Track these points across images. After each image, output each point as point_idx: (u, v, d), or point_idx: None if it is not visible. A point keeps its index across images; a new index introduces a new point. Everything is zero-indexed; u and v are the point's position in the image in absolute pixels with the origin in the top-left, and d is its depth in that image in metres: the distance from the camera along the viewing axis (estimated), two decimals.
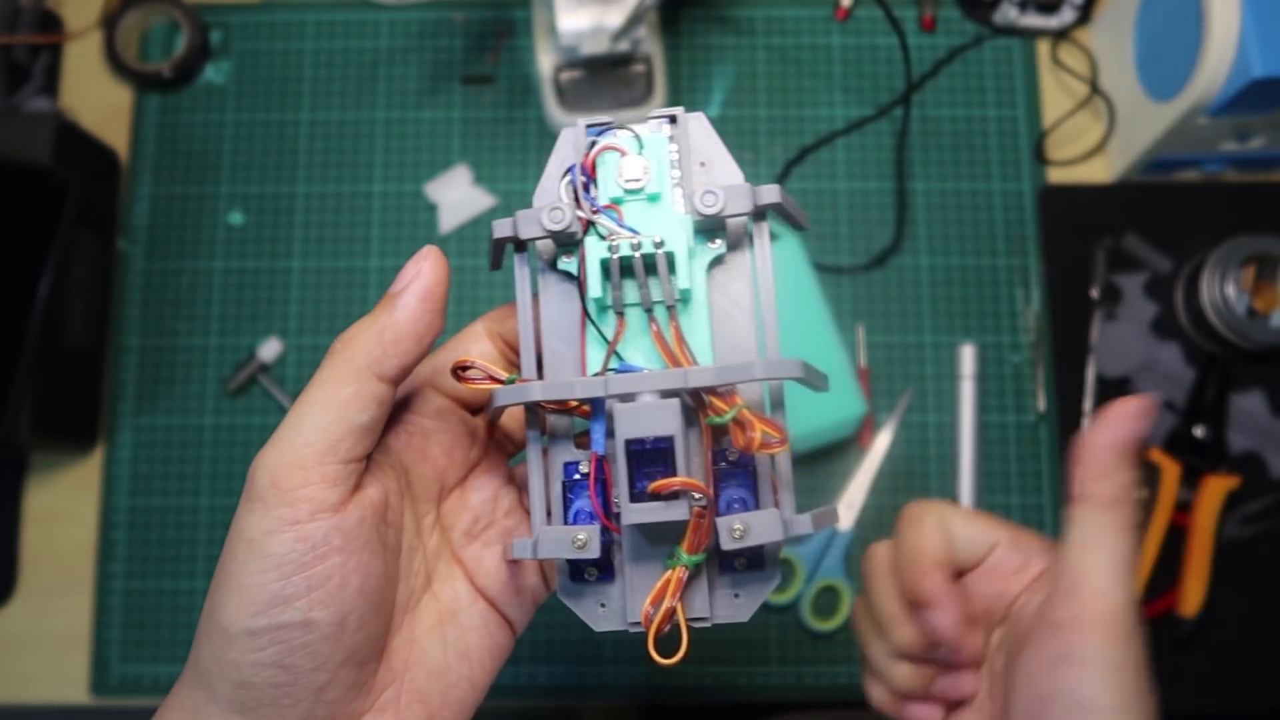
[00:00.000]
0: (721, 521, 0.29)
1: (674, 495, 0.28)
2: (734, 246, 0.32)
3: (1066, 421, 0.71)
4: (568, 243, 0.32)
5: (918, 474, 0.71)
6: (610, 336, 0.31)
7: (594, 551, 0.29)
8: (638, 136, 0.32)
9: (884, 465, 0.71)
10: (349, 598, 0.28)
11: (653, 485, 0.28)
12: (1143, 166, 0.73)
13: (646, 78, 0.73)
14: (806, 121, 0.77)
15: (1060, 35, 0.77)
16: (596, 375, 0.31)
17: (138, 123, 0.77)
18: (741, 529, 0.28)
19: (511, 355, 0.35)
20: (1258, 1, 0.60)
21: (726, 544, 0.29)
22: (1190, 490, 0.69)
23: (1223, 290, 0.69)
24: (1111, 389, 0.71)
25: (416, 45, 0.78)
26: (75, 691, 0.69)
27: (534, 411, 0.32)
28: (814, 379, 0.31)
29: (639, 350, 0.31)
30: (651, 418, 0.28)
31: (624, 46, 0.68)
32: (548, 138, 0.76)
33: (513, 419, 0.37)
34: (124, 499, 0.71)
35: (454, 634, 0.32)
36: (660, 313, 0.31)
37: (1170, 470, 0.68)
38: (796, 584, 0.69)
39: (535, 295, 0.33)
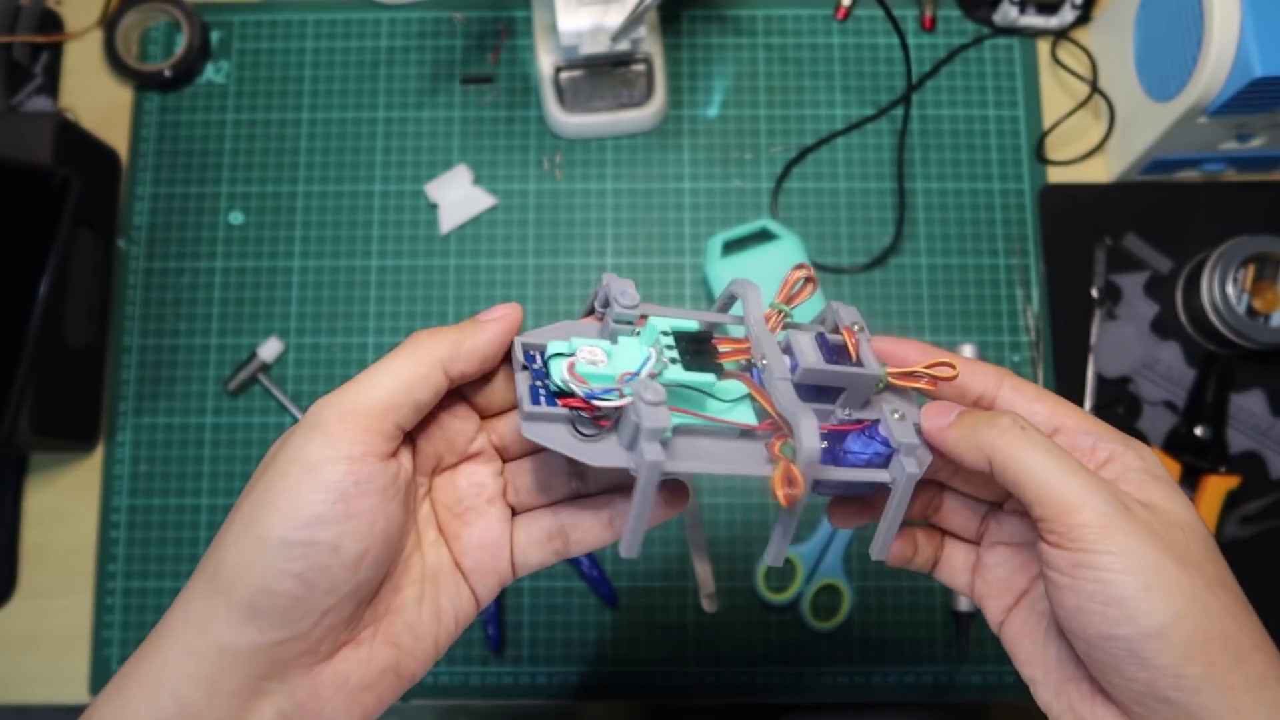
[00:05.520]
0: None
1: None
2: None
3: None
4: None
5: None
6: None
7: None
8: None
9: None
10: (373, 536, 0.32)
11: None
12: (1143, 166, 0.73)
13: (646, 78, 0.73)
14: (806, 121, 0.77)
15: (1060, 35, 0.77)
16: None
17: (138, 122, 0.77)
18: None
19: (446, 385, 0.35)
20: (1258, 1, 0.61)
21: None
22: (1190, 490, 0.69)
23: (1223, 290, 0.69)
24: (1111, 388, 0.71)
25: (416, 45, 0.78)
26: (75, 691, 0.69)
27: None
28: None
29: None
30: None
31: (624, 46, 0.68)
32: (548, 138, 0.76)
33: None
34: (124, 499, 0.71)
35: (431, 593, 0.36)
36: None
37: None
38: (796, 583, 0.69)
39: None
